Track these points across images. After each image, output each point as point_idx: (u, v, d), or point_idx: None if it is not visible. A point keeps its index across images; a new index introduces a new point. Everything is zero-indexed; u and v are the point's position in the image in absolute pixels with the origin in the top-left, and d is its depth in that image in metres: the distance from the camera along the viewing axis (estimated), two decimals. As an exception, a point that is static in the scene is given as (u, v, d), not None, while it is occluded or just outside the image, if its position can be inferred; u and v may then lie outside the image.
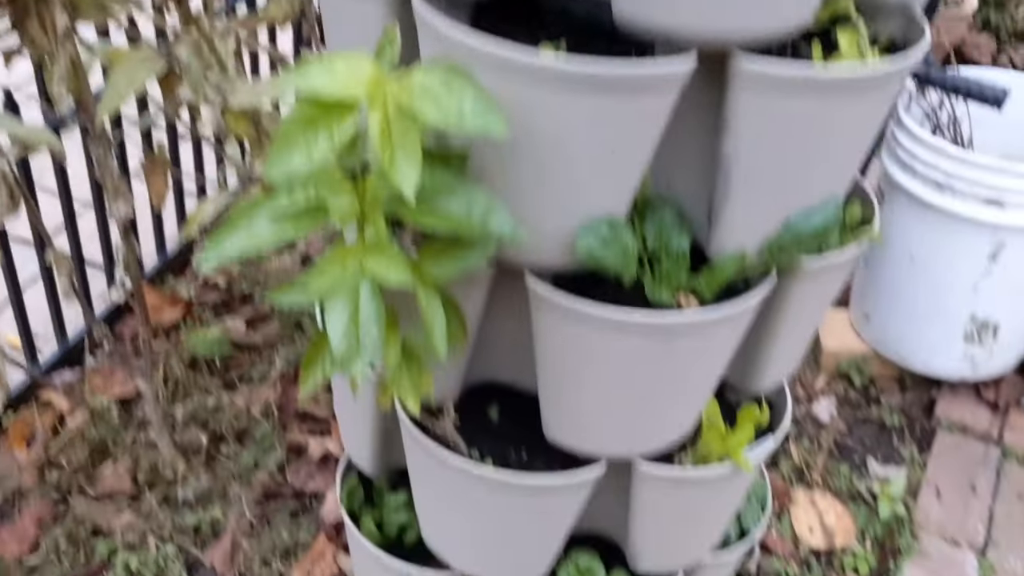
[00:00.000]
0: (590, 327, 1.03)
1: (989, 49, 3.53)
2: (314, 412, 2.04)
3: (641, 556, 1.37)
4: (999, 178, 1.92)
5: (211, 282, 2.32)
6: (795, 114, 0.94)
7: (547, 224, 0.99)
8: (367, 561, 1.43)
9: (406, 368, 1.04)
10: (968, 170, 1.94)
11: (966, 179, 1.94)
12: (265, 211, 0.90)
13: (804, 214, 1.03)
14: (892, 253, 2.15)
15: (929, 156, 1.98)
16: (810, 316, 1.24)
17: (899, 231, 2.11)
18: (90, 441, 1.91)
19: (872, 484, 2.07)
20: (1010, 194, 1.92)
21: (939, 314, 2.14)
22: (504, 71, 0.89)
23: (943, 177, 1.97)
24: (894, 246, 2.14)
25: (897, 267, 2.15)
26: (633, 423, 1.15)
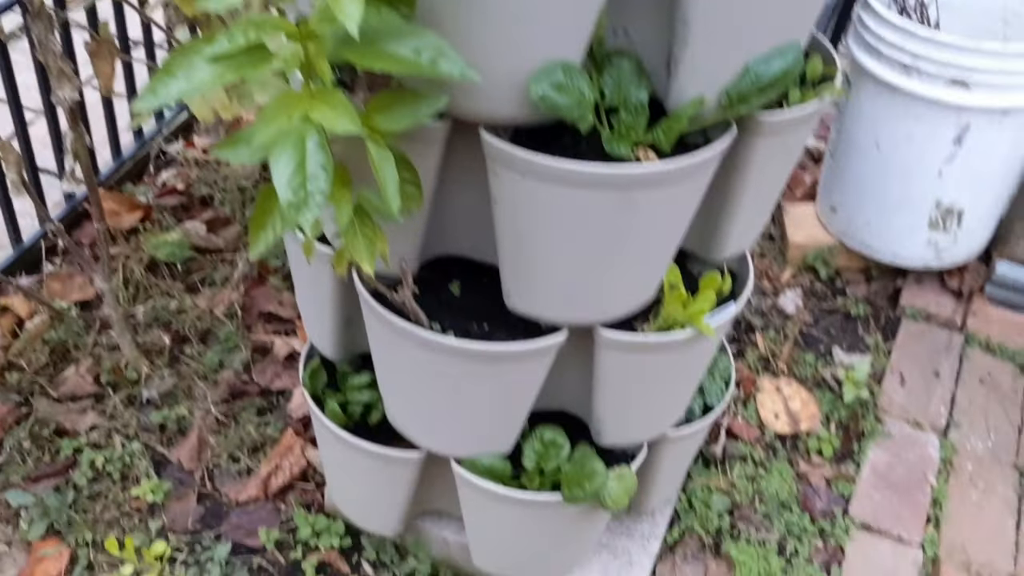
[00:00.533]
0: (547, 181, 1.01)
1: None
2: (279, 313, 2.02)
3: (604, 429, 1.37)
4: (966, 58, 1.90)
5: (170, 186, 2.27)
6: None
7: (499, 69, 0.96)
8: (332, 444, 1.42)
9: (359, 228, 1.01)
10: (935, 51, 1.91)
11: (933, 60, 1.92)
12: (204, 54, 0.86)
13: (763, 59, 1.01)
14: (858, 141, 2.14)
15: (895, 38, 1.96)
16: (773, 178, 1.23)
17: (865, 118, 2.10)
18: (50, 343, 1.88)
19: (837, 371, 2.08)
20: (976, 74, 1.91)
21: (905, 202, 2.13)
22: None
23: (909, 59, 1.95)
24: (860, 134, 2.12)
25: (863, 156, 2.14)
26: (593, 287, 1.14)
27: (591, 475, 1.31)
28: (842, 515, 1.80)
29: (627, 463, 1.37)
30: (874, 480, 1.89)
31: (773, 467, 1.87)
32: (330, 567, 1.60)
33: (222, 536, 1.63)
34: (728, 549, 1.71)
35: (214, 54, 0.87)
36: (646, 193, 1.04)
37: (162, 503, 1.67)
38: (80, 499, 1.65)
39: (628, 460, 1.39)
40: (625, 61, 1.05)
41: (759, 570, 1.69)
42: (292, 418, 1.82)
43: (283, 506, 1.68)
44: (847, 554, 1.74)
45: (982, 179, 2.09)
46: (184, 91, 0.86)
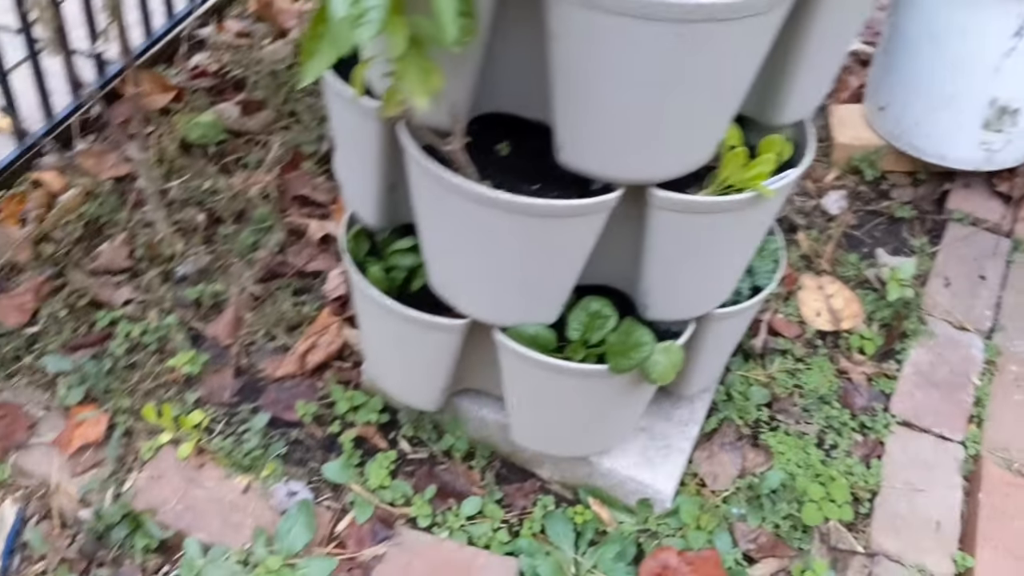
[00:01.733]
0: (611, 13, 0.96)
1: None
2: (313, 197, 1.99)
3: (652, 302, 1.34)
4: (1033, -57, 1.81)
5: (202, 68, 2.23)
6: None
7: None
8: (373, 312, 1.40)
9: (413, 58, 0.97)
10: (1000, -65, 1.83)
11: (997, -55, 1.84)
12: None
13: None
14: (911, 35, 2.06)
15: (959, -77, 1.87)
16: (838, 32, 1.17)
17: (920, 9, 2.01)
18: (84, 218, 1.86)
19: (881, 272, 2.04)
20: (1042, -40, 1.82)
21: (957, 100, 2.06)
22: None
23: (972, -56, 1.86)
24: (913, 27, 2.04)
25: (916, 51, 2.06)
26: (650, 138, 1.10)
27: (637, 345, 1.28)
28: (883, 411, 1.78)
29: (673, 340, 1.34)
30: (916, 379, 1.85)
31: (813, 363, 1.84)
32: (367, 442, 1.60)
33: (259, 409, 1.62)
34: (766, 440, 1.69)
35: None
36: (712, 28, 0.98)
37: (199, 375, 1.66)
38: (117, 368, 1.64)
39: (673, 337, 1.36)
40: None
41: (798, 460, 1.67)
42: (328, 299, 1.80)
43: (320, 383, 1.67)
44: (887, 448, 1.72)
45: (1042, 75, 2.01)
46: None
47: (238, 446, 1.56)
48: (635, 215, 1.22)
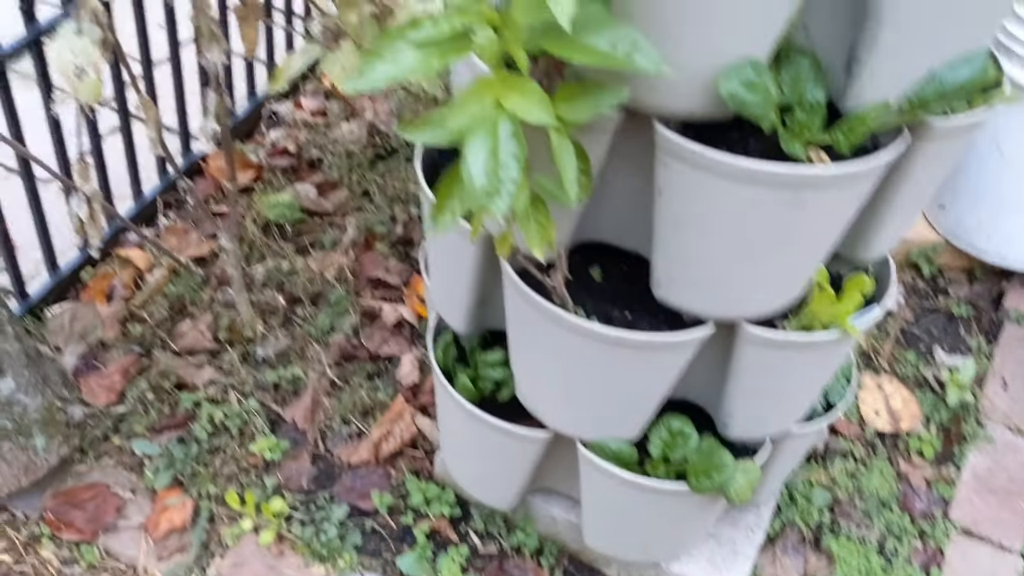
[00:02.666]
0: (722, 177, 1.01)
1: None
2: (386, 279, 2.05)
3: (733, 423, 1.38)
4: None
5: (280, 147, 2.30)
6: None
7: (686, 65, 0.96)
8: (458, 417, 1.45)
9: (533, 214, 1.02)
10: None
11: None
12: (409, 39, 0.87)
13: (950, 65, 1.00)
14: (979, 144, 2.10)
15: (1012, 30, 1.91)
16: (928, 183, 1.22)
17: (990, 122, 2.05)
18: (169, 298, 1.93)
19: (939, 372, 2.06)
20: (1110, 79, 1.86)
21: (1020, 206, 2.10)
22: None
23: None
24: (982, 137, 2.08)
25: (983, 159, 2.10)
26: (747, 282, 1.14)
27: (719, 467, 1.32)
28: (942, 517, 1.80)
29: (749, 456, 1.38)
30: (975, 485, 1.87)
31: (874, 465, 1.87)
32: (439, 534, 1.64)
33: (335, 497, 1.67)
34: (828, 544, 1.72)
35: (419, 39, 0.88)
36: (816, 194, 1.03)
37: (278, 461, 1.71)
38: (201, 452, 1.70)
39: (749, 453, 1.40)
40: (804, 58, 1.04)
41: (860, 567, 1.69)
42: (402, 384, 1.85)
43: (393, 471, 1.72)
44: (947, 557, 1.74)
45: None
46: (391, 74, 0.88)
47: (317, 535, 1.61)
48: (723, 344, 1.26)
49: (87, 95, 1.26)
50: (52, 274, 1.87)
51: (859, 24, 0.99)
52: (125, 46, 1.49)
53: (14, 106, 1.61)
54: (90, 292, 1.91)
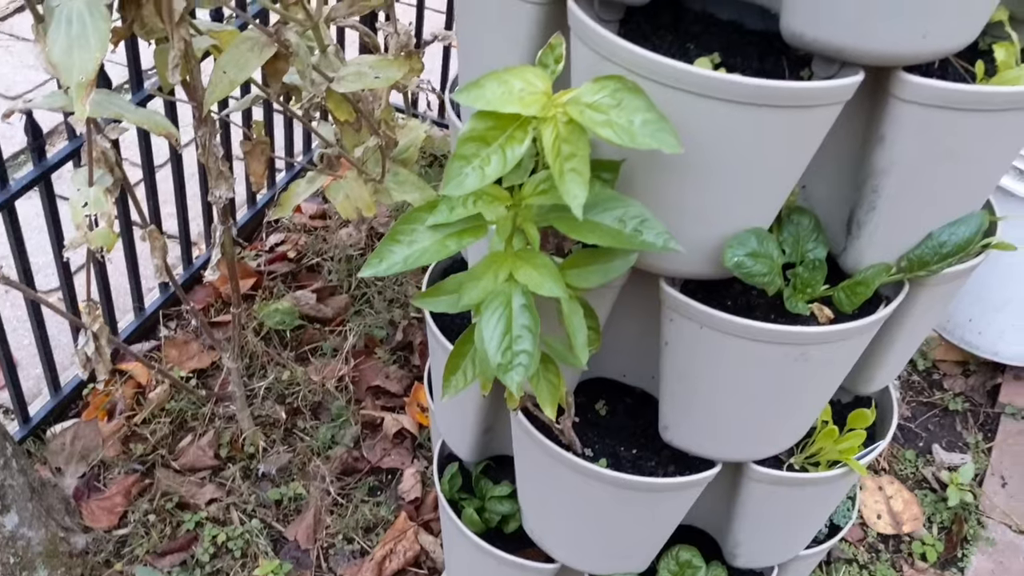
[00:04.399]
0: (725, 335, 1.03)
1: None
2: (387, 387, 2.06)
3: (740, 552, 1.38)
4: (1085, 170, 1.90)
5: (279, 253, 2.33)
6: (957, 131, 0.93)
7: (691, 234, 0.99)
8: (464, 547, 1.45)
9: (544, 374, 1.04)
10: (1053, 161, 1.92)
11: (1050, 169, 1.93)
12: (425, 224, 0.90)
13: (947, 227, 1.03)
14: (966, 240, 2.14)
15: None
16: (928, 319, 1.24)
17: (975, 219, 2.10)
18: (171, 413, 1.93)
19: (939, 471, 2.08)
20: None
21: (1010, 303, 2.13)
22: (668, 85, 0.88)
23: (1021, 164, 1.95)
24: (969, 233, 2.12)
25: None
26: (753, 428, 1.16)
27: (728, 599, 1.32)
28: (948, 625, 1.80)
29: (757, 582, 1.39)
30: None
31: (877, 571, 1.87)
32: (446, 659, 1.63)
33: (340, 621, 1.66)
34: (836, 657, 1.72)
35: (435, 223, 0.90)
36: (819, 349, 1.05)
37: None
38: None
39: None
40: (804, 218, 1.07)
41: None
42: (404, 500, 1.85)
43: (397, 591, 1.71)
44: (954, 667, 1.74)
45: (1093, 284, 2.08)
46: (408, 257, 0.90)
47: (322, 662, 1.60)
48: (729, 479, 1.27)
49: (99, 243, 1.28)
50: (54, 394, 1.87)
51: (858, 188, 1.02)
52: (125, 150, 1.50)
53: (22, 239, 1.63)
54: (91, 410, 1.92)
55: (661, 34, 1.02)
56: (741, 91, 0.86)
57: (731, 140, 0.90)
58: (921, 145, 0.94)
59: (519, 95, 0.84)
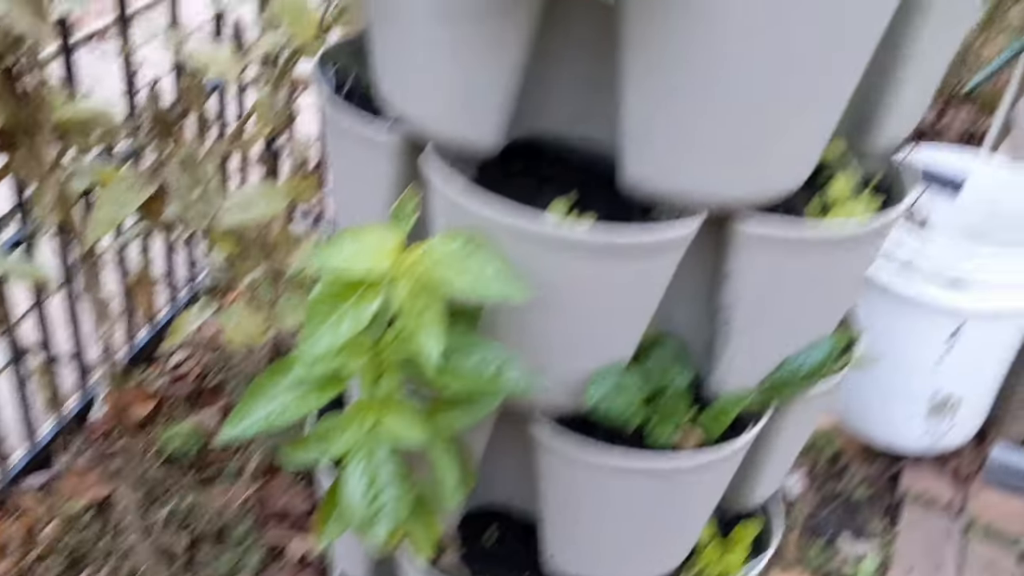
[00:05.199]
0: (593, 470, 1.05)
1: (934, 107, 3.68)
2: (291, 508, 2.02)
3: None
4: (961, 261, 1.99)
5: (181, 372, 2.30)
6: (795, 269, 0.98)
7: (556, 370, 1.01)
8: None
9: (418, 517, 1.04)
10: (930, 253, 2.01)
11: (928, 262, 2.01)
12: (286, 382, 0.91)
13: (801, 354, 1.07)
14: (856, 333, 2.21)
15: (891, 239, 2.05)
16: (800, 433, 1.28)
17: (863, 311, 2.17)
18: (66, 549, 1.87)
19: (846, 563, 2.11)
20: (971, 276, 2.00)
21: (903, 392, 2.20)
22: (518, 237, 0.91)
23: (906, 258, 2.04)
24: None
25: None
26: (638, 553, 1.17)
27: None
28: None
29: None
30: None
31: (789, 670, 1.88)
32: None
33: None
34: None
35: (293, 381, 0.91)
36: (687, 475, 1.08)
37: None
38: None
39: None
40: (669, 345, 1.10)
41: None
42: (310, 628, 1.81)
43: None
44: None
45: (977, 371, 2.17)
46: (269, 414, 0.90)
47: None
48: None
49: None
50: (-61, 536, 1.80)
51: (712, 319, 1.06)
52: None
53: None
54: (-20, 549, 1.85)
55: (519, 176, 1.06)
56: (579, 243, 0.90)
57: (580, 283, 0.94)
58: (764, 281, 0.99)
59: (370, 253, 0.86)
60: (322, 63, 1.11)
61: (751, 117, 0.84)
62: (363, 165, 1.06)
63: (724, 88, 0.82)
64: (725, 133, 0.85)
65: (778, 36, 0.79)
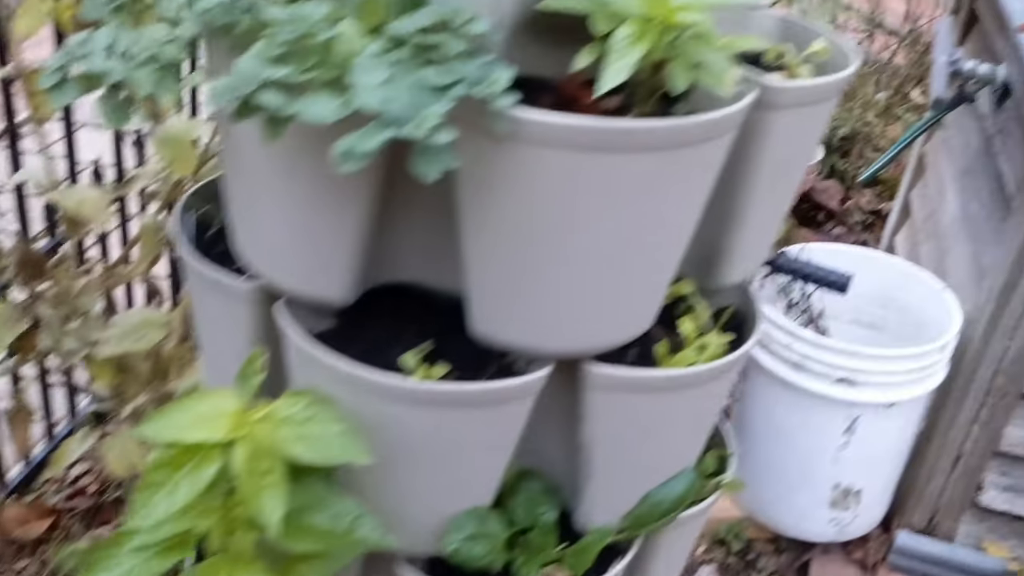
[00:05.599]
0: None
1: (837, 193, 3.80)
2: (191, 628, 1.97)
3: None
4: (849, 360, 2.04)
5: (80, 487, 2.24)
6: (644, 408, 1.00)
7: (413, 521, 1.01)
8: None
9: (279, 670, 1.02)
10: (820, 352, 2.06)
11: (819, 360, 2.06)
12: (126, 549, 0.89)
13: (662, 487, 1.09)
14: (757, 426, 2.25)
15: (783, 337, 2.10)
16: (677, 556, 1.29)
17: (762, 406, 2.22)
18: None
19: (755, 658, 2.11)
20: (860, 374, 2.05)
21: (805, 483, 2.23)
22: (366, 391, 0.92)
23: (798, 357, 2.09)
24: (759, 420, 2.24)
25: (763, 439, 2.25)
26: None
27: None
28: None
29: None
30: None
31: None
32: None
33: None
34: None
35: (137, 546, 0.90)
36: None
37: None
38: None
39: None
40: (535, 482, 1.11)
41: None
42: None
43: None
44: None
45: (876, 462, 2.21)
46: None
47: None
48: None
49: None
50: None
51: (572, 458, 1.07)
52: None
53: None
54: None
55: (381, 319, 1.07)
56: (424, 396, 0.91)
57: (430, 434, 0.95)
58: (617, 420, 1.01)
59: (207, 420, 0.86)
60: (185, 207, 1.12)
61: (580, 281, 0.87)
62: (222, 312, 1.07)
63: (552, 258, 0.85)
64: (557, 295, 0.88)
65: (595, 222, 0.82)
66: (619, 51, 0.74)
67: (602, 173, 0.79)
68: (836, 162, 3.87)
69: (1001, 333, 2.10)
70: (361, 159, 0.72)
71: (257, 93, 0.72)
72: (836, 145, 3.87)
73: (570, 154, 0.77)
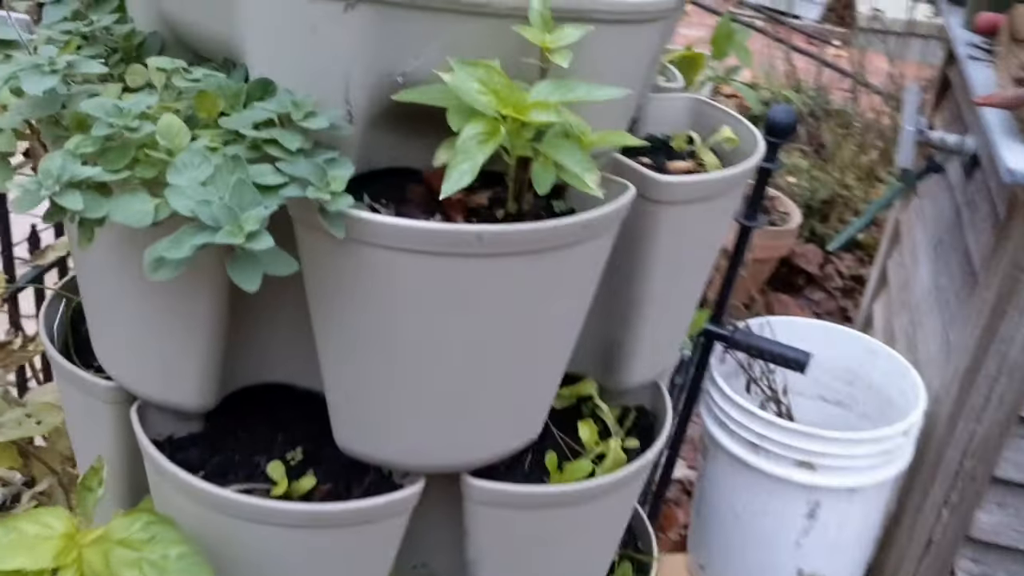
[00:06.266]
0: None
1: (816, 257, 3.74)
2: None
3: None
4: (809, 443, 1.95)
5: None
6: (532, 524, 0.92)
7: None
8: None
9: None
10: (779, 434, 1.97)
11: (778, 442, 1.97)
12: None
13: (560, 602, 1.00)
14: (718, 508, 2.15)
15: (742, 418, 2.02)
16: None
17: (722, 488, 2.12)
18: None
19: None
20: (821, 457, 1.96)
21: (767, 569, 2.13)
22: (215, 509, 0.84)
23: (756, 439, 2.00)
24: (719, 502, 2.14)
25: (724, 522, 2.15)
26: None
27: None
28: None
29: None
30: None
31: None
32: None
33: None
34: None
35: None
36: None
37: None
38: None
39: None
40: (423, 598, 1.03)
41: None
42: None
43: None
44: None
45: (841, 548, 2.11)
46: None
47: None
48: None
49: None
50: None
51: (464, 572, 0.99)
52: None
53: None
54: None
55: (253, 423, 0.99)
56: (280, 516, 0.83)
57: (286, 555, 0.87)
58: (503, 539, 0.93)
59: (31, 543, 0.78)
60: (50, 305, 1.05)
61: (443, 391, 0.79)
62: (86, 410, 0.99)
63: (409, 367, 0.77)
64: (418, 406, 0.80)
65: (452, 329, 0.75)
66: (465, 152, 0.68)
67: (452, 277, 0.72)
68: (815, 226, 3.81)
69: (968, 414, 2.02)
70: (174, 267, 0.65)
71: (62, 194, 0.66)
72: (816, 208, 3.81)
73: (414, 258, 0.70)
